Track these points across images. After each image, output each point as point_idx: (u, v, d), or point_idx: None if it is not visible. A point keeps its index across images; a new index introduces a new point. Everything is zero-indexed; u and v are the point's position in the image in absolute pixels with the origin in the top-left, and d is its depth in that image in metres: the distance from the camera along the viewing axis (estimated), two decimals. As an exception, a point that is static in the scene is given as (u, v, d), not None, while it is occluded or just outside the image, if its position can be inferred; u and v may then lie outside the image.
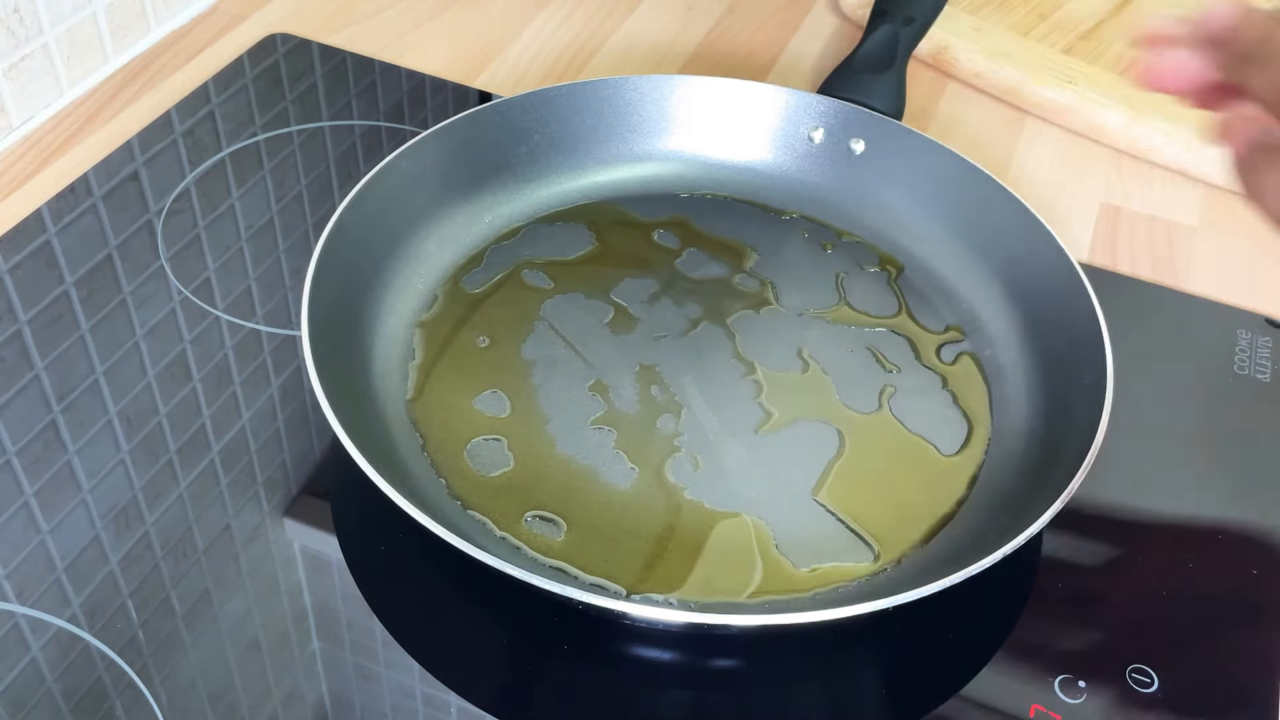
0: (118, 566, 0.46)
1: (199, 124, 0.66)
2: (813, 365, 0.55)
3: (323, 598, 0.46)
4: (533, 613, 0.45)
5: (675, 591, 0.46)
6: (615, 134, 0.63)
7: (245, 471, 0.50)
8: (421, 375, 0.53)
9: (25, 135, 0.64)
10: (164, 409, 0.51)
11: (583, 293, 0.57)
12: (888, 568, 0.47)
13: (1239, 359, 0.57)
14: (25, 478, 0.48)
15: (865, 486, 0.50)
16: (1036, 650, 0.45)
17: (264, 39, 0.72)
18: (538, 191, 0.62)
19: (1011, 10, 0.77)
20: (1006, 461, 0.51)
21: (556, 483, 0.49)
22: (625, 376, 0.53)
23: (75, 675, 0.42)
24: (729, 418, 0.52)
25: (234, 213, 0.61)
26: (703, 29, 0.78)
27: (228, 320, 0.56)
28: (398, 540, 0.47)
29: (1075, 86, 0.71)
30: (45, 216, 0.59)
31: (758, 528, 0.48)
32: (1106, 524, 0.50)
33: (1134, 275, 0.62)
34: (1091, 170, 0.69)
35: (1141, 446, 0.53)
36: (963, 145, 0.70)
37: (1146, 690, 0.44)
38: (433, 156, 0.58)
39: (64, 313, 0.55)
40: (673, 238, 0.60)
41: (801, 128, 0.63)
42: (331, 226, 0.52)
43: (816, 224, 0.62)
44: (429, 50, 0.74)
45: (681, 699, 0.44)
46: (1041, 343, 0.54)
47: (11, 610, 0.44)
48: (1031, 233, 0.56)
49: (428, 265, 0.57)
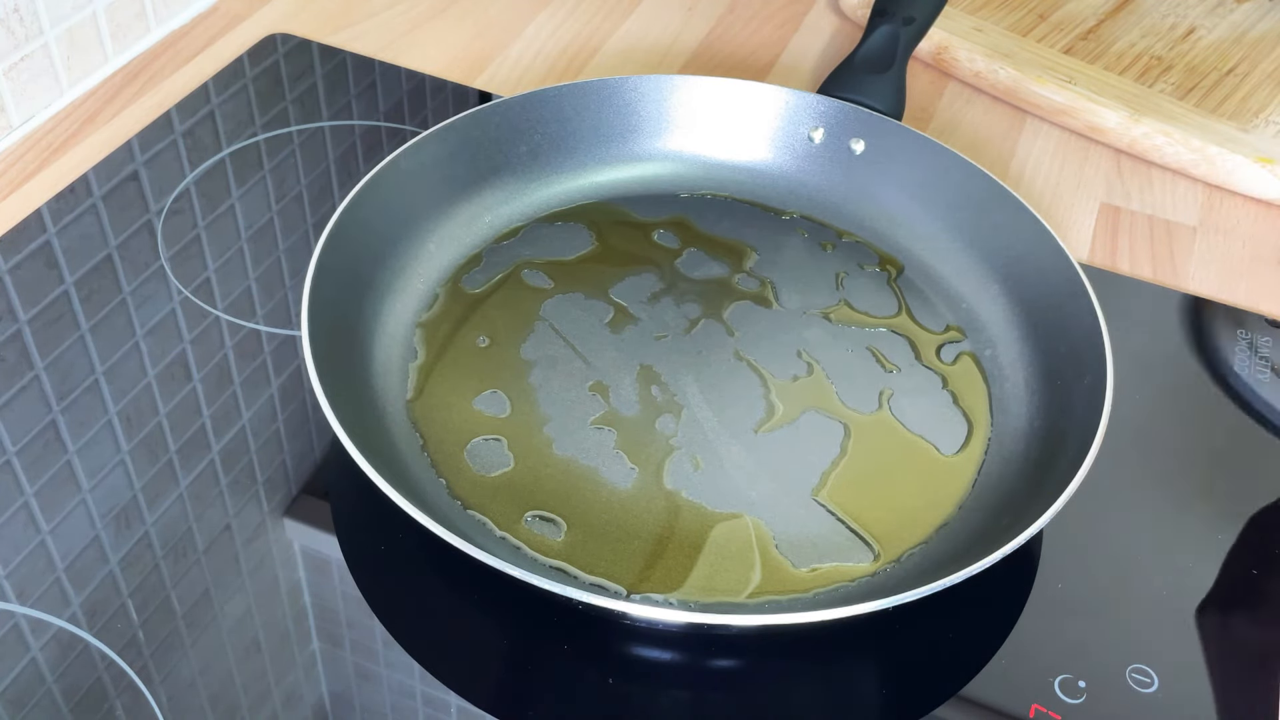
0: (118, 566, 0.46)
1: (199, 124, 0.66)
2: (813, 365, 0.55)
3: (323, 598, 0.46)
4: (533, 613, 0.45)
5: (675, 591, 0.46)
6: (615, 134, 0.63)
7: (245, 471, 0.50)
8: (421, 375, 0.53)
9: (25, 135, 0.64)
10: (164, 409, 0.51)
11: (583, 293, 0.57)
12: (888, 568, 0.47)
13: (1239, 359, 0.57)
14: (25, 478, 0.48)
15: (865, 486, 0.50)
16: (1036, 650, 0.45)
17: (264, 39, 0.72)
18: (538, 191, 0.62)
19: (1011, 10, 0.77)
20: (1006, 461, 0.51)
21: (556, 483, 0.49)
22: (625, 376, 0.53)
23: (75, 675, 0.42)
24: (729, 418, 0.52)
25: (234, 213, 0.61)
26: (703, 29, 0.78)
27: (228, 320, 0.56)
28: (398, 540, 0.47)
29: (1075, 86, 0.71)
30: (45, 216, 0.59)
31: (757, 528, 0.48)
32: (1106, 524, 0.50)
33: (1134, 275, 0.62)
34: (1091, 170, 0.69)
35: (1142, 446, 0.53)
36: (963, 145, 0.70)
37: (1146, 690, 0.44)
38: (433, 156, 0.58)
39: (64, 313, 0.55)
40: (673, 238, 0.60)
41: (801, 128, 0.63)
42: (331, 226, 0.52)
43: (816, 224, 0.62)
44: (429, 50, 0.74)
45: (681, 699, 0.44)
46: (1041, 343, 0.54)
47: (11, 610, 0.44)
48: (1031, 233, 0.56)
49: (428, 265, 0.57)
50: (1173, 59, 0.74)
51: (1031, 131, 0.72)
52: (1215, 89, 0.72)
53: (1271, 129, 0.69)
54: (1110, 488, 0.51)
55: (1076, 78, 0.72)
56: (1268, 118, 0.70)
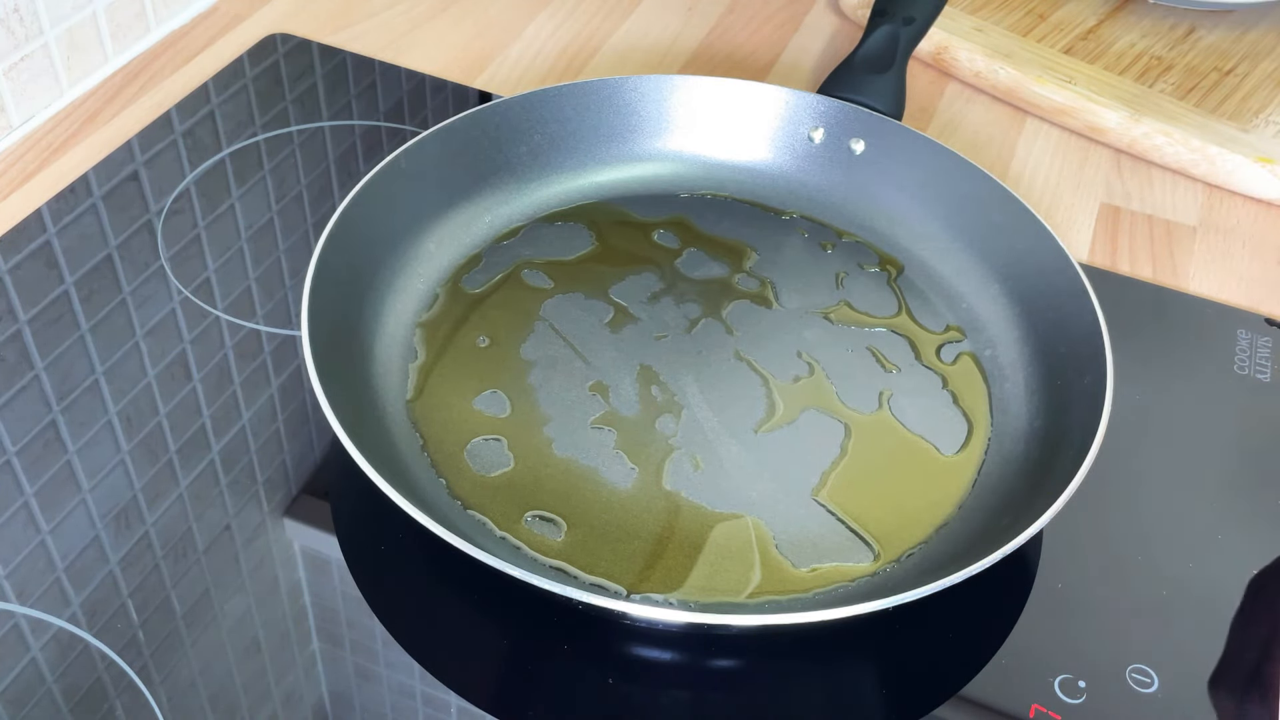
0: (118, 566, 0.46)
1: (199, 124, 0.66)
2: (813, 365, 0.55)
3: (323, 598, 0.46)
4: (533, 613, 0.45)
5: (675, 591, 0.46)
6: (615, 134, 0.63)
7: (245, 471, 0.50)
8: (421, 375, 0.53)
9: (25, 135, 0.64)
10: (164, 409, 0.51)
11: (583, 293, 0.57)
12: (888, 568, 0.47)
13: (1239, 359, 0.57)
14: (25, 478, 0.48)
15: (865, 486, 0.50)
16: (1036, 650, 0.45)
17: (264, 39, 0.72)
18: (538, 191, 0.62)
19: (1011, 10, 0.77)
20: (1006, 461, 0.51)
21: (556, 483, 0.49)
22: (625, 376, 0.53)
23: (75, 675, 0.42)
24: (729, 418, 0.52)
25: (234, 213, 0.61)
26: (703, 29, 0.78)
27: (228, 320, 0.56)
28: (398, 540, 0.47)
29: (1075, 86, 0.71)
30: (45, 216, 0.59)
31: (757, 528, 0.48)
32: (1106, 524, 0.50)
33: (1134, 275, 0.62)
34: (1091, 170, 0.69)
35: (1141, 446, 0.53)
36: (963, 145, 0.70)
37: (1146, 690, 0.44)
38: (433, 156, 0.58)
39: (64, 313, 0.55)
40: (673, 238, 0.60)
41: (801, 128, 0.63)
42: (331, 226, 0.52)
43: (816, 224, 0.62)
44: (429, 50, 0.74)
45: (681, 699, 0.44)
46: (1041, 343, 0.54)
47: (11, 610, 0.44)
48: (1031, 233, 0.56)
49: (428, 265, 0.57)
50: (1173, 59, 0.74)
51: (1031, 131, 0.72)
52: (1215, 89, 0.72)
53: (1271, 129, 0.69)
54: (1110, 488, 0.51)
55: (1076, 78, 0.72)
56: (1268, 118, 0.70)
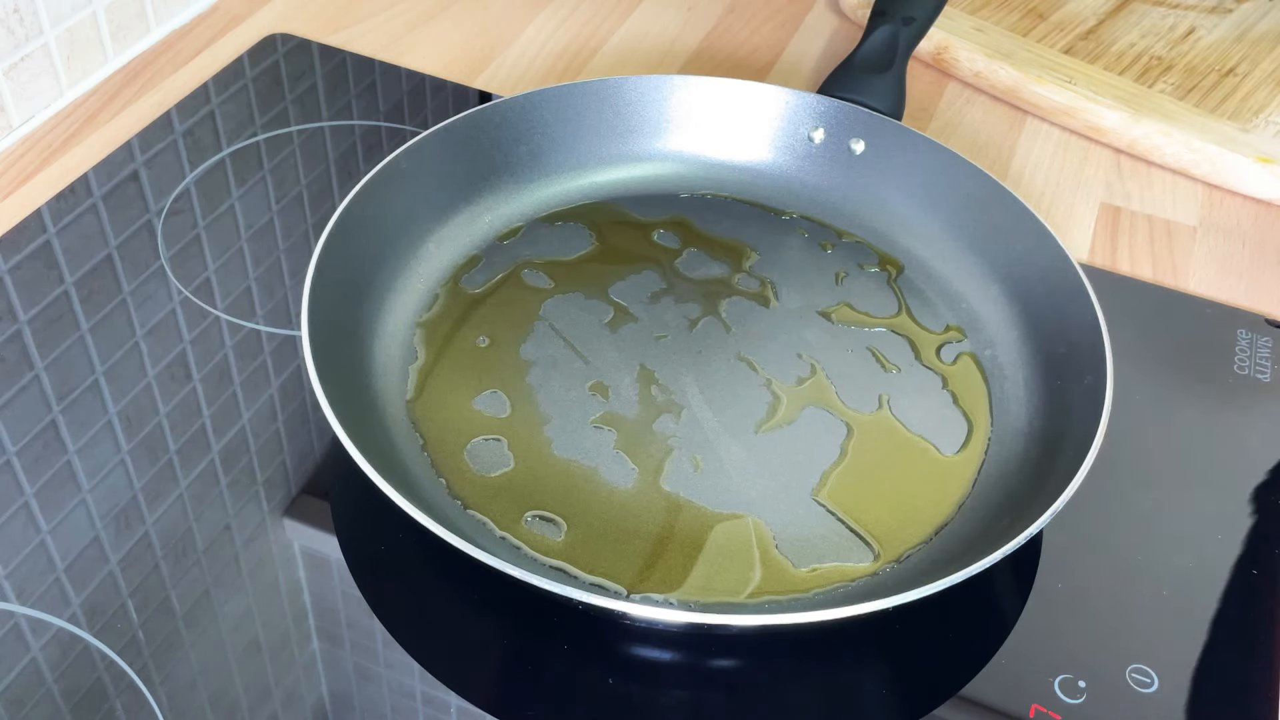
0: (118, 566, 0.46)
1: (199, 124, 0.66)
2: (813, 365, 0.55)
3: (323, 598, 0.46)
4: (533, 613, 0.45)
5: (675, 591, 0.46)
6: (615, 134, 0.63)
7: (245, 471, 0.50)
8: (421, 375, 0.53)
9: (25, 135, 0.64)
10: (164, 409, 0.51)
11: (583, 293, 0.57)
12: (888, 568, 0.47)
13: (1239, 359, 0.57)
14: (25, 478, 0.48)
15: (865, 486, 0.50)
16: (1036, 650, 0.45)
17: (264, 39, 0.72)
18: (538, 191, 0.62)
19: (1011, 10, 0.77)
20: (1006, 461, 0.51)
21: (556, 483, 0.49)
22: (625, 376, 0.53)
23: (75, 675, 0.42)
24: (729, 418, 0.52)
25: (234, 213, 0.61)
26: (703, 29, 0.78)
27: (228, 320, 0.56)
28: (398, 540, 0.47)
29: (1075, 86, 0.71)
30: (45, 216, 0.59)
31: (757, 528, 0.48)
32: (1106, 524, 0.50)
33: (1134, 275, 0.62)
34: (1091, 170, 0.69)
35: (1141, 446, 0.53)
36: (963, 145, 0.70)
37: (1146, 690, 0.44)
38: (433, 156, 0.58)
39: (64, 313, 0.55)
40: (673, 238, 0.60)
41: (801, 128, 0.63)
42: (331, 226, 0.52)
43: (816, 224, 0.62)
44: (429, 50, 0.74)
45: (681, 699, 0.44)
46: (1041, 343, 0.54)
47: (11, 610, 0.44)
48: (1031, 233, 0.56)
49: (428, 265, 0.57)
50: (1173, 59, 0.74)
51: (1031, 131, 0.72)
52: (1215, 89, 0.72)
53: (1271, 129, 0.69)
54: (1110, 488, 0.51)
55: (1076, 78, 0.72)
56: (1268, 118, 0.70)
